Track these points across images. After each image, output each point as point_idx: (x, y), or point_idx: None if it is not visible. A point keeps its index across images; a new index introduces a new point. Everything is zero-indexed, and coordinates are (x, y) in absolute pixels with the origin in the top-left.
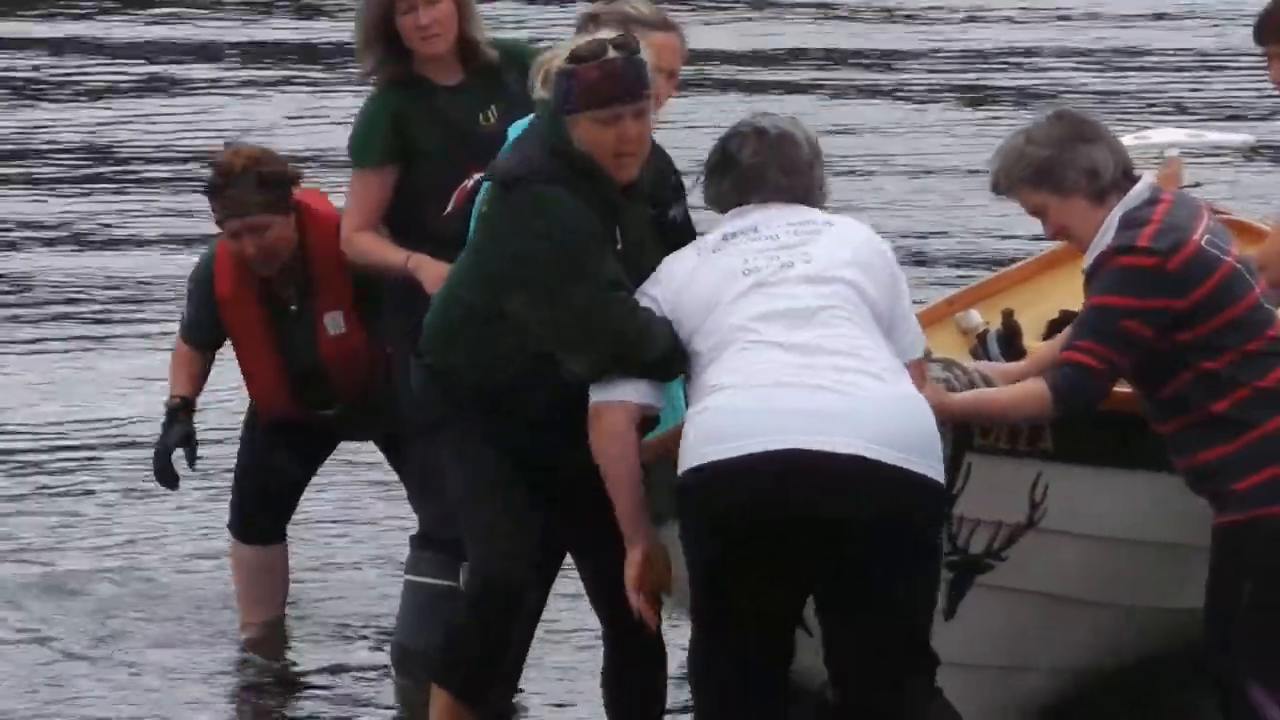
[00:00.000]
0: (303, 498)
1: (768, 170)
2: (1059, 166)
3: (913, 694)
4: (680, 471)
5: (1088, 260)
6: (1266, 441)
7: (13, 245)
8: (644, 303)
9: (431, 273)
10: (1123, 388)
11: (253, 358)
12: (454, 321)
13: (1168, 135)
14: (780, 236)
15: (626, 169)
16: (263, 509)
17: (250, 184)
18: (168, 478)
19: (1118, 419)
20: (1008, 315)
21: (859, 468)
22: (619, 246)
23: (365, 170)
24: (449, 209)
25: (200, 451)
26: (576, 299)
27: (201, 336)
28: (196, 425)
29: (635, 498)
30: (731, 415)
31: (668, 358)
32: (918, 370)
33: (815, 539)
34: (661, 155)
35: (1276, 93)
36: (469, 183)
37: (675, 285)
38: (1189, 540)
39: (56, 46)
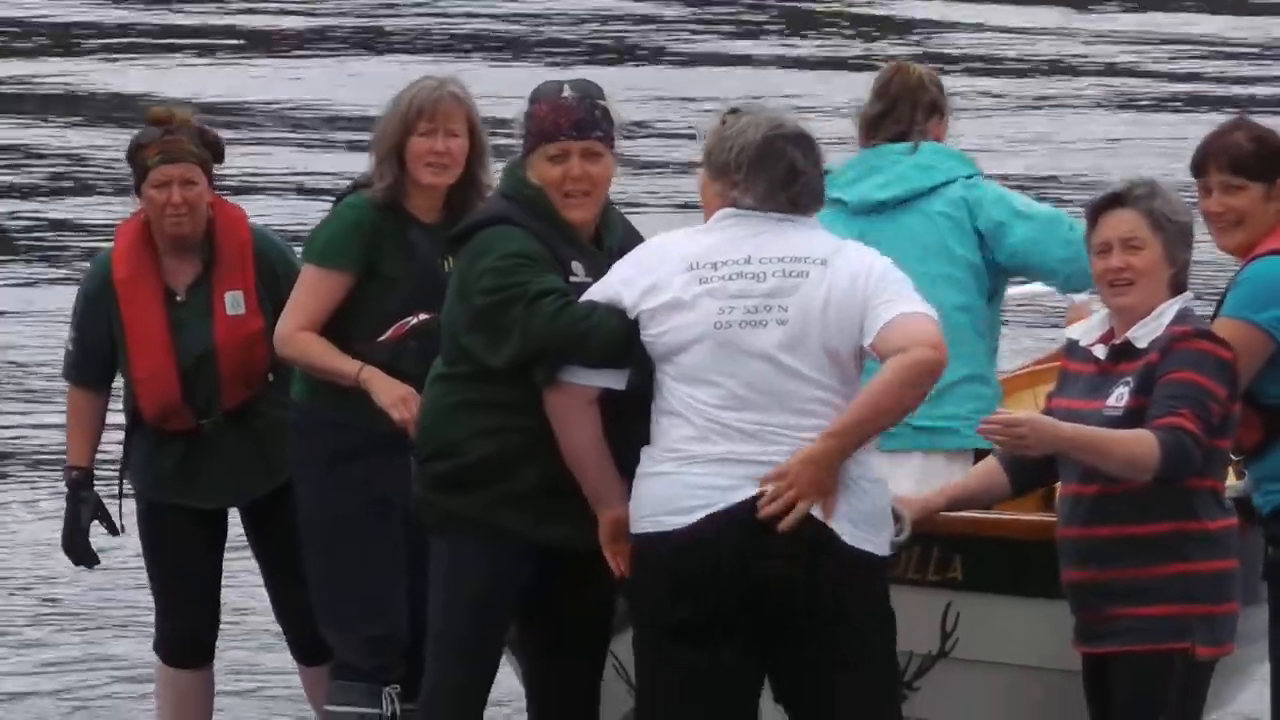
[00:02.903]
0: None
1: (767, 177)
2: (1186, 236)
3: None
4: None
5: (1141, 337)
6: (1185, 580)
7: None
8: (602, 294)
9: (383, 386)
10: (1031, 516)
11: (144, 348)
12: (440, 400)
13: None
14: (767, 277)
15: (574, 208)
16: (190, 625)
17: (192, 135)
18: (87, 557)
19: (1027, 547)
20: None
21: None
22: (572, 278)
23: (327, 270)
24: (384, 337)
25: None
26: (513, 314)
27: (93, 363)
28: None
29: (600, 472)
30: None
31: (618, 349)
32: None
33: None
34: (632, 232)
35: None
36: (412, 320)
37: (655, 303)
38: None
39: None
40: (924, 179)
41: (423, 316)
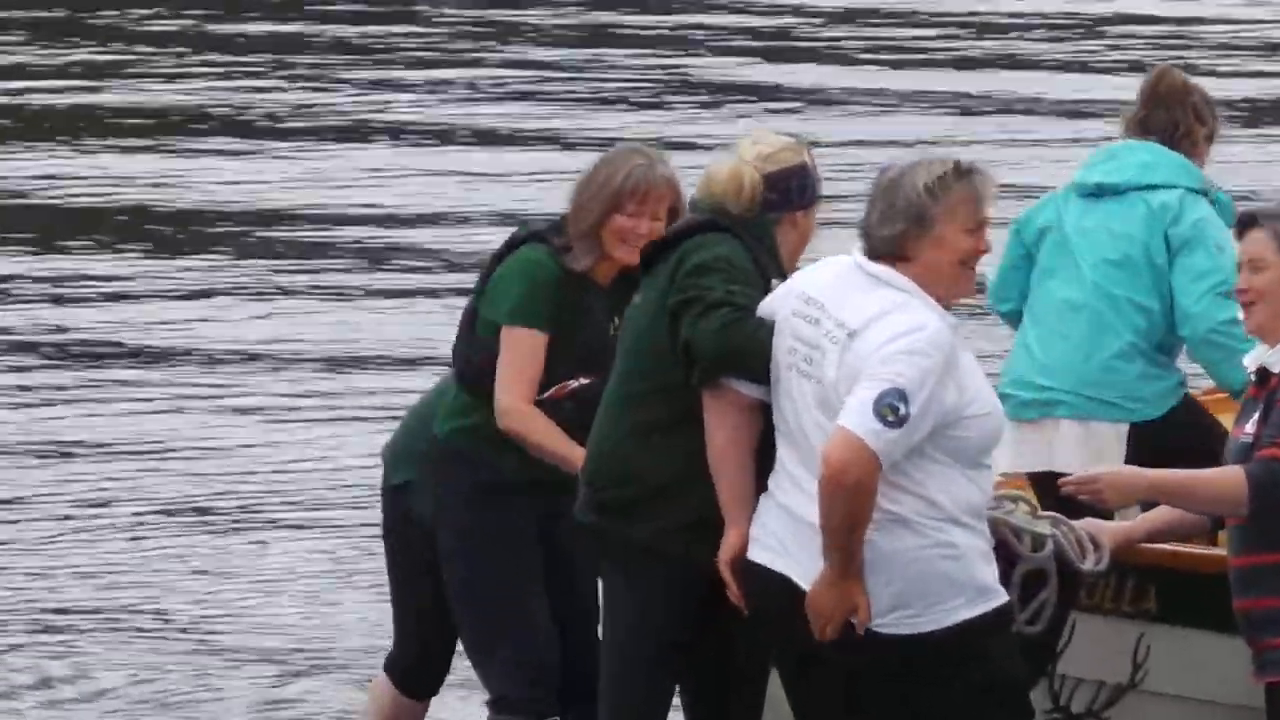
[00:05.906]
0: None
1: (870, 213)
2: None
3: None
4: None
5: (1275, 363)
6: None
7: None
8: (766, 310)
9: None
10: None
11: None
12: (613, 424)
13: None
14: (827, 331)
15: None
16: (429, 660)
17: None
18: None
19: (1222, 581)
20: None
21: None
22: None
23: (536, 332)
24: (545, 395)
25: None
26: (687, 316)
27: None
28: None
29: (742, 483)
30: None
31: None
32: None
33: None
34: None
35: None
36: (574, 383)
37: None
38: None
39: None
40: (1143, 175)
41: (584, 381)
